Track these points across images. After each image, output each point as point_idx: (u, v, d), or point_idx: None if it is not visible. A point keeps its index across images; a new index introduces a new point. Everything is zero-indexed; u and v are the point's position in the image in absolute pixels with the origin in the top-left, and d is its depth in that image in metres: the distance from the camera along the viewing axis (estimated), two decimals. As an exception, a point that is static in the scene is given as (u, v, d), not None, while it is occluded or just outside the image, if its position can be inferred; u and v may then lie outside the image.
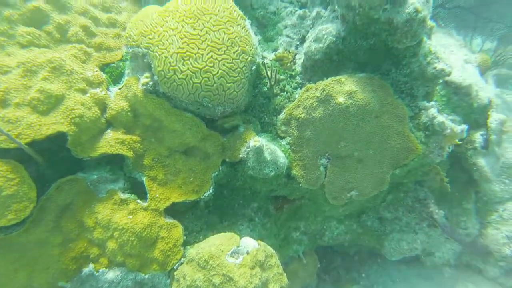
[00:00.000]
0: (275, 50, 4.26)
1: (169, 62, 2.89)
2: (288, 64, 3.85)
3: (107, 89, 3.33)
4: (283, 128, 3.62)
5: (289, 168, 3.57)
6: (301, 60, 3.77)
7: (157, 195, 3.24)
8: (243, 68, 3.11)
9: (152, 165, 3.32)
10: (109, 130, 3.23)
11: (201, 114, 3.26)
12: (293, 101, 3.68)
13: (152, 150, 3.36)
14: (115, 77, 3.50)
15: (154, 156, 3.34)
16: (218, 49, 2.99)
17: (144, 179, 3.29)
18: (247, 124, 3.48)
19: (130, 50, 3.10)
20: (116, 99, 3.26)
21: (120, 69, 3.51)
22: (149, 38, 2.97)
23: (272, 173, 3.33)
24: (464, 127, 3.38)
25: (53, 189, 3.01)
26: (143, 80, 3.07)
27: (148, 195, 3.22)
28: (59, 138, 2.88)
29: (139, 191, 3.32)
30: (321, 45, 3.40)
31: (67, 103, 2.92)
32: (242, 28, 3.19)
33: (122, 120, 3.23)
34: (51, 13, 3.34)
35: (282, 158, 3.37)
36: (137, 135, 3.31)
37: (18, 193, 2.71)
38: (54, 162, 3.13)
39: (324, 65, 3.54)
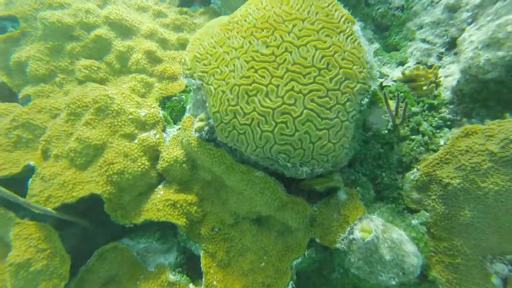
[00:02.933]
0: (402, 63, 2.78)
1: (227, 100, 1.89)
2: (426, 87, 2.35)
3: (164, 130, 2.59)
4: (415, 195, 2.15)
5: (424, 265, 2.07)
6: (453, 81, 2.22)
7: (214, 283, 2.28)
8: (347, 104, 1.85)
9: (211, 236, 2.39)
10: (160, 186, 2.46)
11: (278, 171, 2.13)
12: (436, 151, 2.17)
13: (213, 214, 2.43)
14: (177, 113, 2.75)
15: (215, 224, 2.40)
16: (304, 76, 1.82)
17: (201, 254, 2.37)
18: (352, 189, 2.17)
19: (186, 81, 2.25)
20: (171, 146, 2.47)
21: (182, 102, 2.74)
22: (204, 65, 2.04)
23: (393, 282, 1.92)
24: None
25: (95, 258, 2.39)
26: (197, 124, 2.16)
27: (203, 279, 2.29)
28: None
29: (195, 266, 2.43)
30: (501, 53, 1.81)
31: (107, 155, 2.27)
32: (347, 38, 1.93)
33: (176, 174, 2.41)
34: (114, 41, 2.83)
35: (413, 257, 1.91)
36: (194, 193, 2.44)
37: (48, 268, 2.16)
38: (102, 221, 2.55)
39: (504, 90, 1.91)
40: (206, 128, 2.14)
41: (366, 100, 1.93)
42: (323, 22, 1.92)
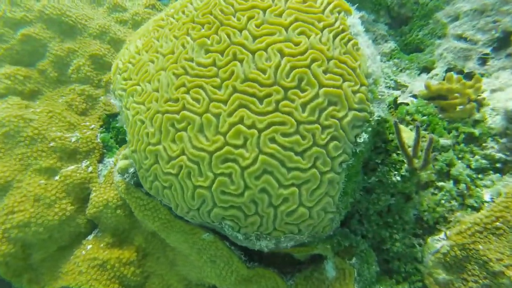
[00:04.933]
0: (426, 70, 2.01)
1: (147, 135, 1.23)
2: (461, 107, 1.58)
3: (101, 160, 1.97)
4: (442, 275, 1.41)
5: None
6: (507, 100, 1.45)
7: None
8: (330, 146, 1.13)
9: (154, 308, 1.76)
10: (90, 237, 1.85)
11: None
12: (478, 210, 1.41)
13: (157, 277, 1.81)
14: (124, 136, 2.12)
15: (159, 292, 1.77)
16: (262, 100, 1.13)
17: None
18: (345, 261, 1.45)
19: (111, 100, 1.61)
20: (104, 183, 1.85)
21: (130, 123, 2.11)
22: (123, 79, 1.39)
23: None
24: None
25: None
26: (120, 163, 1.52)
27: None
28: None
29: None
30: None
31: (8, 200, 1.67)
32: (335, 37, 1.21)
33: (109, 222, 1.79)
34: (50, 42, 2.24)
35: None
36: (134, 247, 1.81)
37: None
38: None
39: None
40: (132, 169, 1.49)
41: (365, 136, 1.21)
42: (296, 11, 1.21)
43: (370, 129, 1.23)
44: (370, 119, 1.23)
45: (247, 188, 1.13)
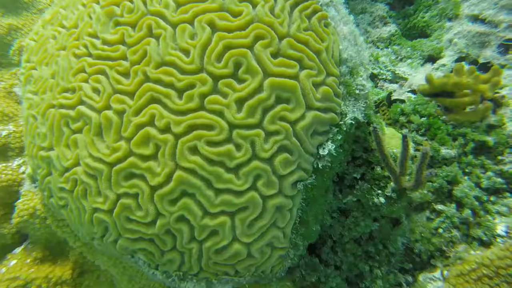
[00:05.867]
0: (432, 59, 1.64)
1: (38, 135, 0.92)
2: (472, 108, 1.22)
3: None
4: (435, 327, 1.07)
5: None
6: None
7: None
8: (277, 160, 0.80)
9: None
10: (18, 250, 1.57)
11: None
12: (487, 244, 1.06)
13: (94, 300, 1.53)
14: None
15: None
16: (181, 93, 0.80)
17: None
18: (308, 303, 1.13)
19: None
20: (34, 188, 1.55)
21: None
22: (25, 61, 1.07)
23: None
24: None
25: None
26: (29, 168, 1.21)
27: None
28: None
29: None
30: None
31: None
32: (293, 6, 0.87)
33: (39, 234, 1.51)
34: (-9, 18, 1.93)
35: None
36: (69, 263, 1.53)
37: None
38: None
39: None
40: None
41: (331, 146, 0.86)
42: (239, -30, 0.86)
43: (340, 136, 0.89)
44: (341, 122, 0.89)
45: (159, 216, 0.81)
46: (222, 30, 0.81)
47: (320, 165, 0.87)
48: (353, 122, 0.92)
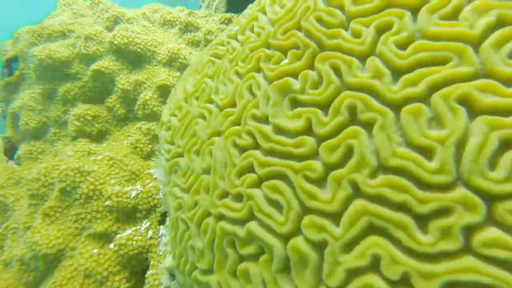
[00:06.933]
0: None
1: (192, 250, 0.71)
2: None
3: (163, 221, 1.59)
4: None
5: None
6: None
7: None
8: None
9: None
10: (147, 322, 1.47)
11: None
12: None
13: None
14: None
15: None
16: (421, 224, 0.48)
17: None
18: None
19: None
20: (164, 255, 1.44)
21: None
22: (166, 141, 0.90)
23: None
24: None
25: None
26: (169, 261, 1.05)
27: None
28: None
29: None
30: None
31: (58, 275, 1.40)
32: None
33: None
34: (118, 75, 1.99)
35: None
36: None
37: None
38: None
39: None
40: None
41: None
42: (498, 4, 0.52)
43: None
44: None
45: None
46: (490, 112, 0.47)
47: None
48: None
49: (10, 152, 2.28)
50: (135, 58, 2.03)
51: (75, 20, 2.19)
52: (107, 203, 1.52)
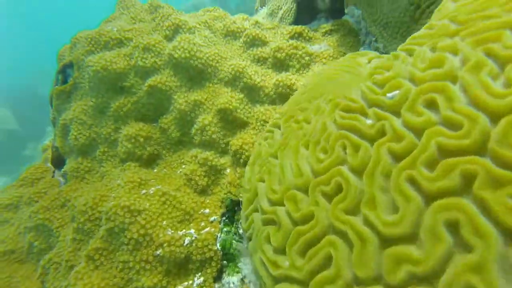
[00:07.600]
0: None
1: None
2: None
3: (218, 278, 1.35)
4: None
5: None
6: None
7: None
8: None
9: None
10: None
11: None
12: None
13: None
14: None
15: None
16: None
17: None
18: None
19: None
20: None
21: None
22: (251, 209, 0.64)
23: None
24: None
25: None
26: None
27: None
28: None
29: None
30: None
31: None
32: None
33: None
34: (176, 92, 1.78)
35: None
36: None
37: None
38: None
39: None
40: None
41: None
42: None
43: None
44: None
45: None
46: None
47: None
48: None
49: (57, 161, 2.17)
50: (195, 74, 1.80)
51: (133, 26, 2.01)
52: (158, 252, 1.30)
